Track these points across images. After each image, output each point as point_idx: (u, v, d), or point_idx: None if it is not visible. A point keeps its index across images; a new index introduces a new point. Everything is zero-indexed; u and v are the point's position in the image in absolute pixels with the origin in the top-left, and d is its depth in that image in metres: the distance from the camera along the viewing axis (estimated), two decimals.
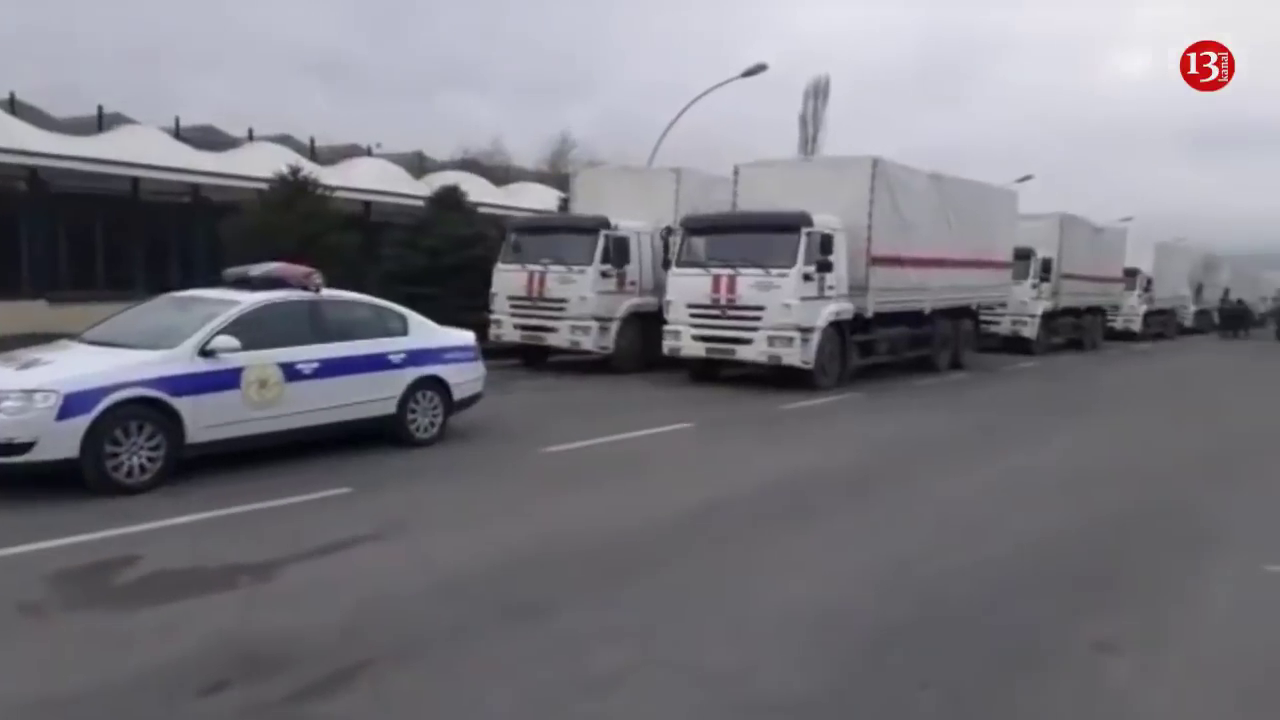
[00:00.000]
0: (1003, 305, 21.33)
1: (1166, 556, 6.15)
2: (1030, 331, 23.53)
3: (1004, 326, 22.98)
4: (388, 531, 6.15)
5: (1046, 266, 23.81)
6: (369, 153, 29.17)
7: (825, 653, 4.36)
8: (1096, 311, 27.84)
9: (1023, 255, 21.95)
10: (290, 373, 7.97)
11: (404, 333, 9.06)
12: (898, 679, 4.09)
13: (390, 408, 8.76)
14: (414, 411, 8.96)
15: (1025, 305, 23.03)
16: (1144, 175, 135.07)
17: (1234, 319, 39.96)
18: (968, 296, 18.79)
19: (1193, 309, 39.52)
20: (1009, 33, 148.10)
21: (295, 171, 17.86)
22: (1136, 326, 31.76)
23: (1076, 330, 26.31)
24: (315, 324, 8.40)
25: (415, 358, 8.97)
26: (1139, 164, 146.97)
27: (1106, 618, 4.92)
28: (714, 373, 15.43)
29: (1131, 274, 30.73)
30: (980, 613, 4.96)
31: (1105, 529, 6.81)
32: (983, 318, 20.69)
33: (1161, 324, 34.52)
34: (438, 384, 9.17)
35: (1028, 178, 35.07)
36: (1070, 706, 3.92)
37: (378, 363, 8.67)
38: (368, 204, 23.01)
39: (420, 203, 20.69)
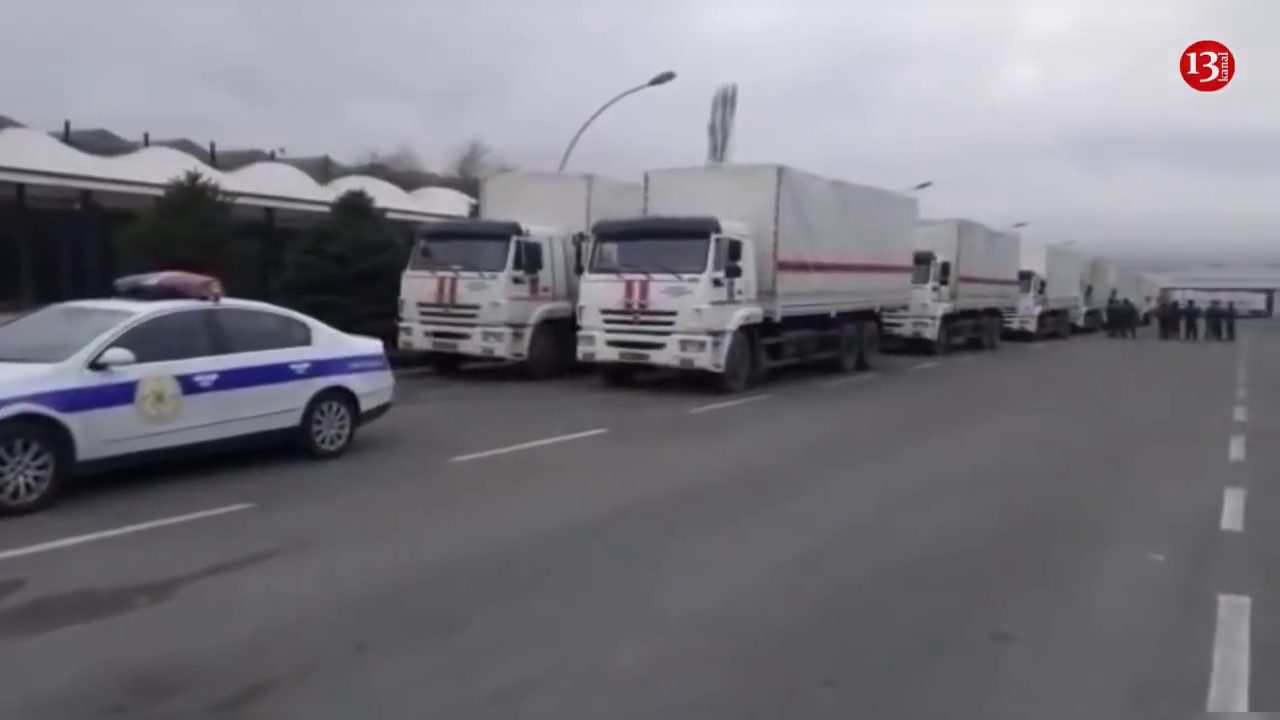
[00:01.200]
0: (905, 308, 22.06)
1: (1059, 548, 6.43)
2: (931, 333, 24.34)
3: (906, 328, 23.72)
4: (291, 547, 6.00)
5: (945, 270, 24.68)
6: (273, 158, 28.41)
7: (731, 654, 4.42)
8: (994, 313, 29.00)
9: (923, 260, 22.72)
10: (188, 385, 7.70)
11: (307, 342, 8.84)
12: (801, 677, 4.18)
13: (294, 420, 8.54)
14: (319, 423, 8.76)
15: (926, 308, 23.83)
16: (1035, 181, 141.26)
17: (1121, 319, 42.05)
18: (871, 300, 19.32)
19: (1083, 309, 41.46)
20: (907, 45, 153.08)
21: (193, 177, 17.26)
22: (1031, 327, 33.13)
23: (975, 331, 27.36)
24: (214, 335, 8.12)
25: (319, 368, 8.77)
26: (1030, 171, 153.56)
27: (1003, 608, 5.13)
28: (628, 377, 15.52)
29: (1026, 277, 32.09)
30: (883, 608, 5.11)
31: (1002, 523, 7.08)
32: (886, 320, 21.32)
33: (1055, 324, 36.09)
34: (343, 394, 8.98)
35: (927, 184, 36.24)
36: (969, 695, 4.06)
37: (280, 373, 8.45)
38: (270, 210, 22.39)
39: (326, 209, 20.24)
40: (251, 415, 8.17)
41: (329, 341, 9.08)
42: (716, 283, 14.31)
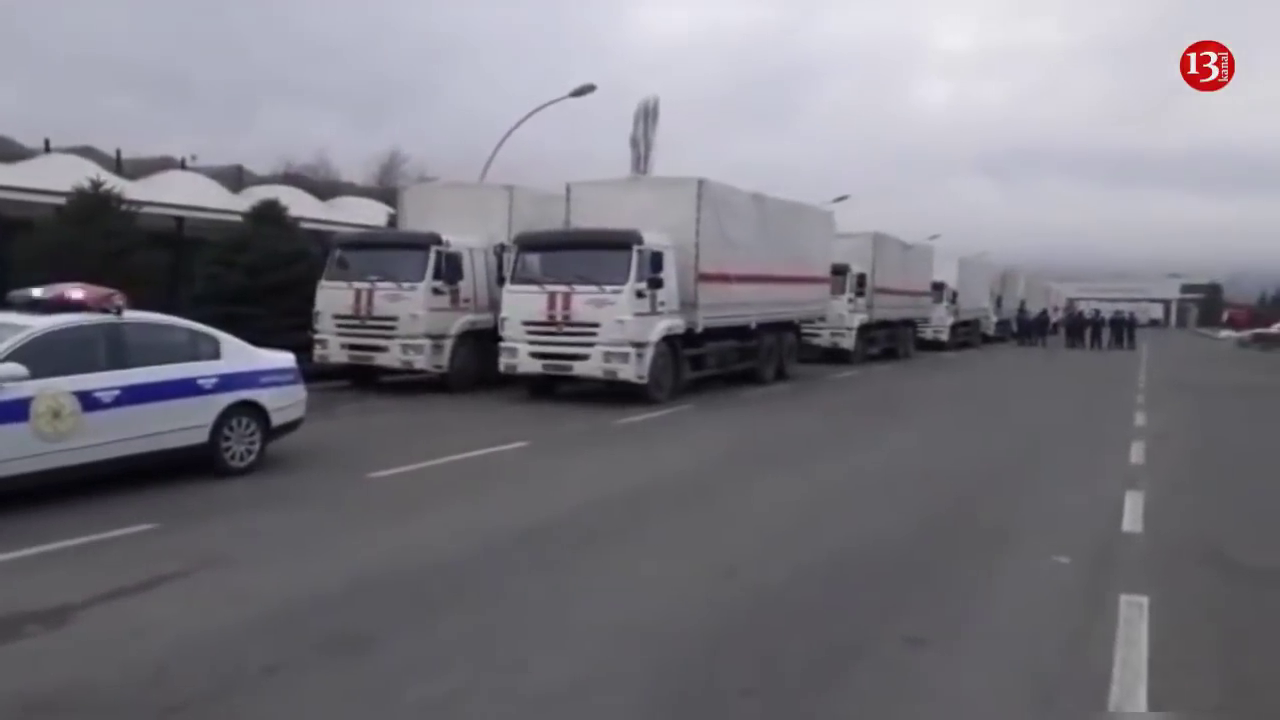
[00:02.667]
0: (822, 319, 22.47)
1: (970, 551, 6.61)
2: (848, 343, 24.86)
3: (824, 339, 24.18)
4: (197, 568, 5.78)
5: (861, 282, 25.26)
6: (183, 166, 27.55)
7: (650, 665, 4.42)
8: (908, 323, 29.78)
9: (839, 271, 23.21)
10: (88, 402, 7.38)
11: (216, 356, 8.56)
12: (722, 687, 4.20)
13: (201, 436, 8.25)
14: (228, 439, 8.48)
15: (843, 318, 24.35)
16: (947, 195, 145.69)
17: (1030, 327, 43.62)
18: (790, 311, 19.63)
19: (994, 319, 42.84)
20: (823, 61, 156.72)
21: (97, 185, 16.59)
22: (945, 336, 34.09)
23: (891, 341, 28.06)
24: (116, 349, 7.80)
25: (228, 382, 8.50)
26: (942, 184, 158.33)
27: (915, 613, 5.24)
28: (551, 389, 15.45)
29: (939, 288, 33.07)
30: (801, 615, 5.18)
31: (916, 528, 7.24)
32: (804, 331, 21.67)
33: (967, 334, 37.23)
34: (254, 409, 8.71)
35: (844, 198, 37.01)
36: (882, 699, 4.13)
37: (186, 388, 8.15)
38: (180, 220, 21.62)
39: (238, 218, 19.68)
40: (156, 432, 7.87)
41: (238, 355, 8.81)
42: (639, 294, 14.37)
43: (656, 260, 14.73)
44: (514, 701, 4.02)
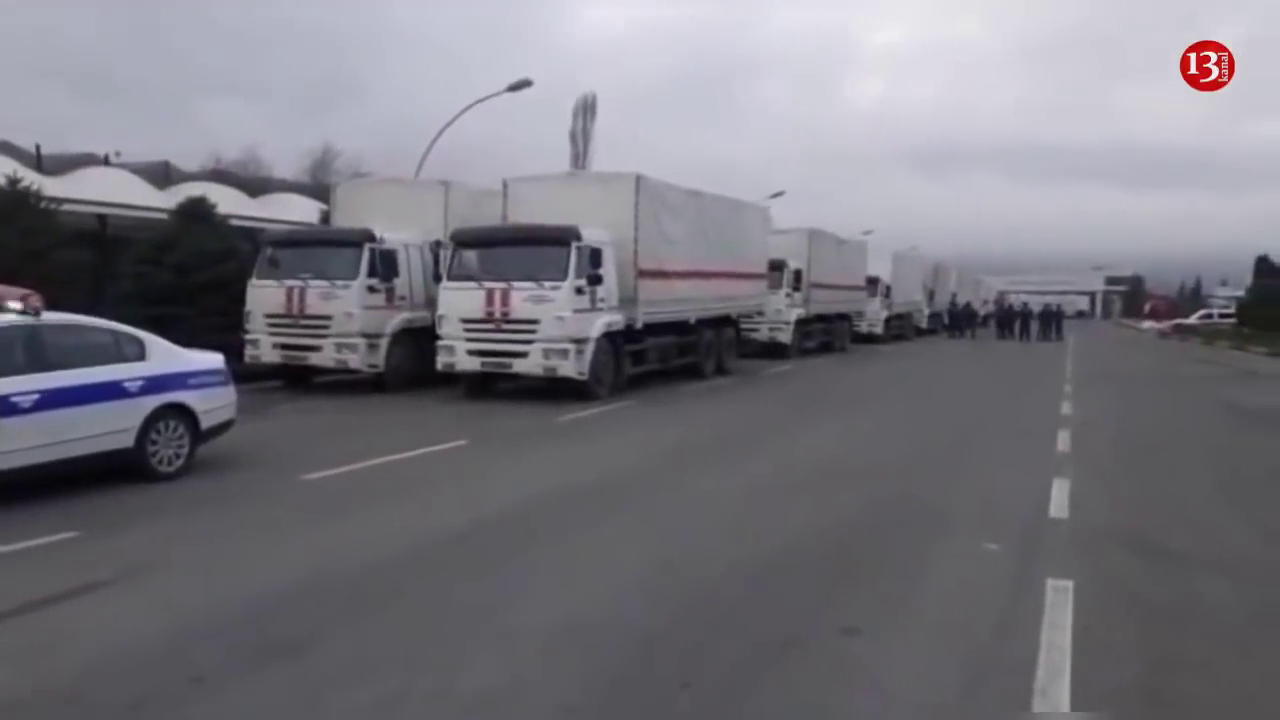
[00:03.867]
0: (760, 314, 22.72)
1: (903, 540, 6.74)
2: (786, 337, 25.16)
3: (762, 333, 24.43)
4: (122, 577, 5.61)
5: (798, 277, 25.59)
6: (107, 162, 26.61)
7: (589, 663, 4.41)
8: (844, 317, 30.27)
9: (776, 267, 23.49)
10: (4, 406, 7.12)
11: (141, 357, 8.31)
12: (660, 682, 4.22)
13: (127, 441, 8.01)
14: (155, 443, 8.24)
15: (780, 313, 24.64)
16: (881, 190, 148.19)
17: (961, 320, 44.64)
18: (728, 306, 19.79)
19: (926, 312, 43.76)
20: (759, 57, 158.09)
21: (14, 181, 16.01)
22: (879, 330, 34.72)
23: (827, 335, 28.50)
24: (34, 351, 7.54)
25: (155, 384, 8.26)
26: (876, 180, 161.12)
27: (850, 602, 5.32)
28: (490, 387, 15.34)
29: (873, 282, 33.67)
30: (738, 607, 5.23)
31: (851, 518, 7.36)
32: (743, 326, 21.86)
33: (900, 327, 37.98)
34: (182, 412, 8.48)
35: (780, 194, 37.45)
36: (819, 689, 4.19)
37: (110, 391, 7.90)
38: (103, 218, 20.94)
39: (165, 216, 19.13)
40: (79, 437, 7.61)
41: (165, 356, 8.57)
42: (579, 290, 14.34)
43: (595, 256, 14.71)
44: (449, 704, 3.98)
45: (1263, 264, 51.16)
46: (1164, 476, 9.52)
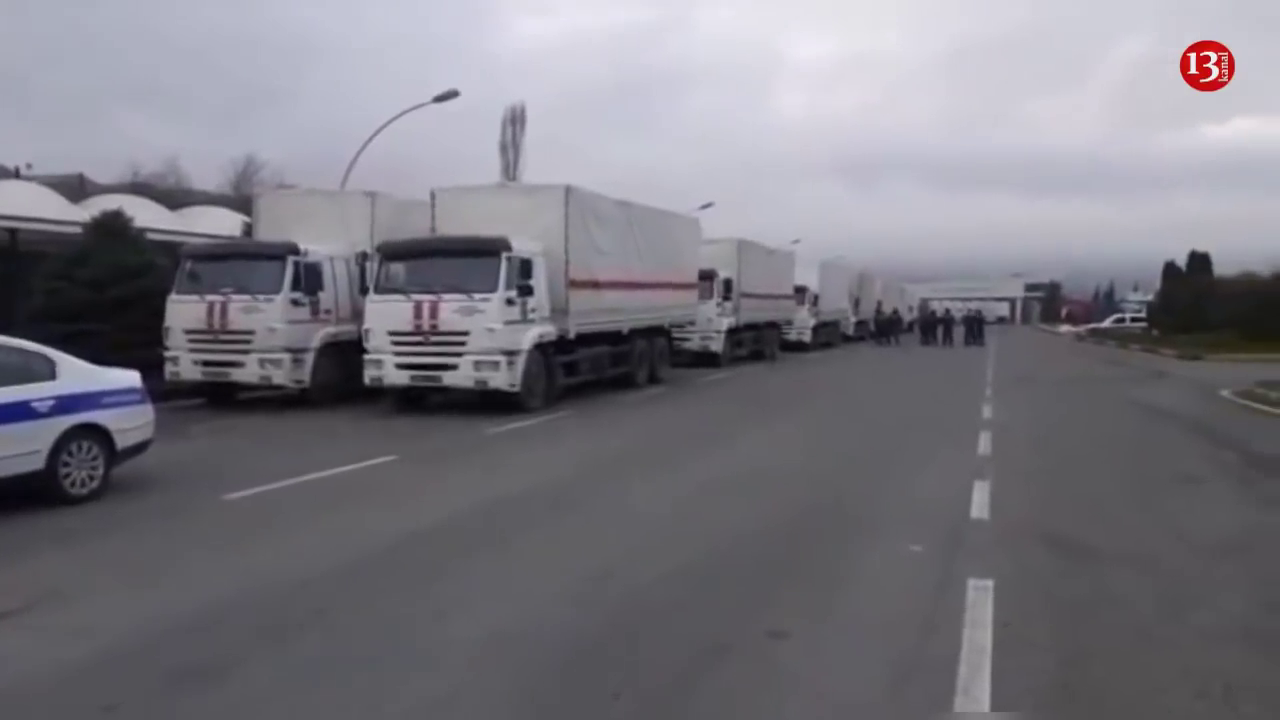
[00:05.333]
0: (692, 323, 22.93)
1: (831, 544, 6.86)
2: (717, 346, 25.43)
3: (694, 342, 24.64)
4: (32, 603, 5.38)
5: (728, 286, 25.91)
6: (17, 175, 25.67)
7: (520, 676, 4.39)
8: (773, 325, 30.75)
9: (707, 276, 23.75)
10: None
11: (52, 376, 8.00)
12: (591, 692, 4.21)
13: (37, 463, 7.69)
14: (67, 465, 7.94)
15: (711, 322, 24.91)
16: (807, 201, 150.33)
17: (887, 327, 45.64)
18: (661, 316, 19.91)
19: (853, 320, 44.64)
20: (686, 70, 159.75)
21: None
22: (807, 338, 35.29)
23: (757, 343, 28.89)
24: None
25: (66, 404, 7.96)
26: (802, 191, 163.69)
27: (779, 606, 5.38)
28: (421, 401, 15.16)
29: (801, 291, 34.25)
30: (670, 614, 5.24)
31: (781, 524, 7.46)
32: (675, 335, 22.01)
33: (828, 334, 38.67)
34: (96, 432, 8.19)
35: (709, 205, 37.80)
36: (749, 693, 4.23)
37: (18, 412, 7.59)
38: (13, 232, 20.14)
39: (78, 230, 18.51)
40: None
41: (77, 375, 8.26)
42: (509, 302, 14.27)
43: (526, 267, 14.66)
44: None
45: (1171, 269, 53.31)
46: (1079, 476, 9.85)
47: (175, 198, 33.75)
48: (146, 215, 21.47)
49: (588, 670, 4.46)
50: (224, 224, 25.69)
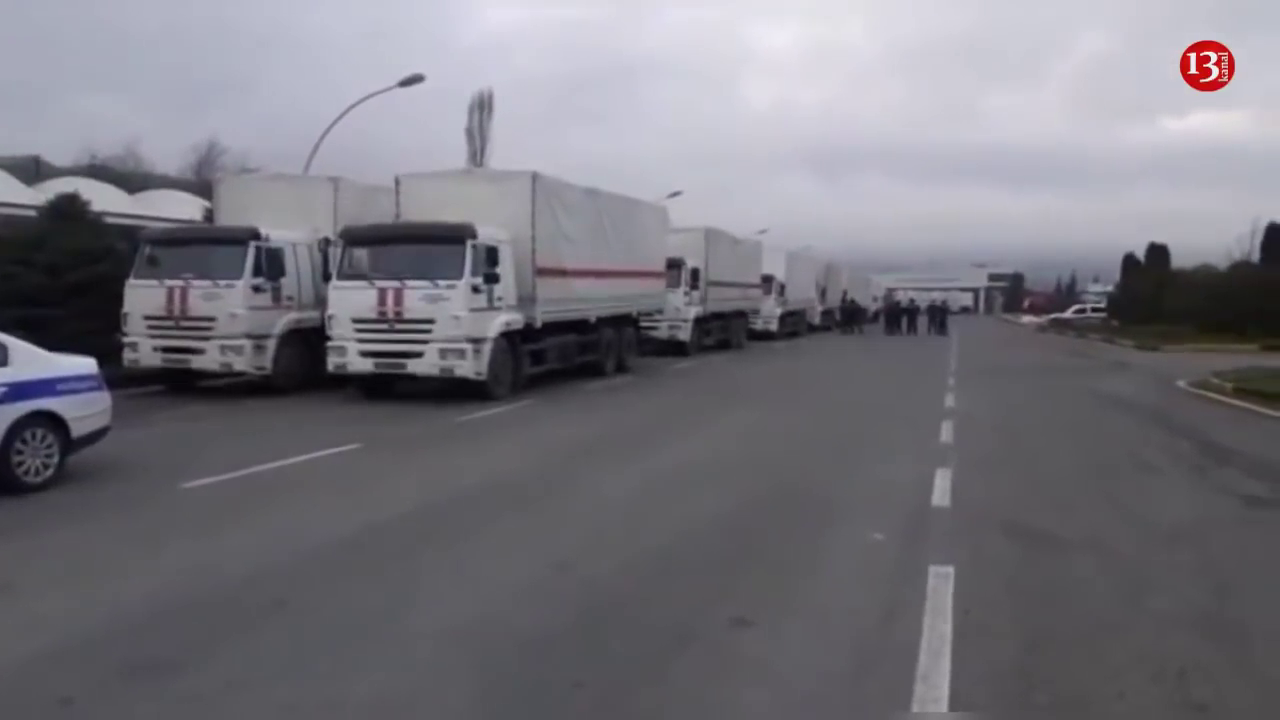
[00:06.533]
0: (660, 312, 22.93)
1: (794, 532, 6.89)
2: (685, 335, 25.49)
3: (662, 331, 24.65)
4: None
5: (696, 276, 25.95)
6: None
7: (482, 667, 4.36)
8: (741, 315, 30.85)
9: (675, 265, 23.79)
10: None
11: (4, 363, 7.80)
12: (552, 683, 4.20)
13: None
14: (20, 453, 7.76)
15: (679, 311, 24.95)
16: (774, 191, 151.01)
17: (852, 316, 46.01)
18: (628, 305, 19.88)
19: (819, 309, 44.93)
20: (655, 59, 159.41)
21: None
22: (774, 327, 35.47)
23: (725, 332, 28.98)
24: None
25: (19, 391, 7.78)
26: (769, 181, 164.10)
27: (743, 595, 5.40)
28: (387, 389, 15.01)
29: (768, 280, 34.39)
30: (633, 604, 5.25)
31: (744, 511, 7.52)
32: (643, 324, 21.99)
33: (794, 324, 38.88)
34: (50, 420, 8.01)
35: (677, 194, 37.82)
36: (713, 681, 4.24)
37: None
38: None
39: (33, 214, 18.09)
40: None
41: (30, 361, 8.07)
42: (475, 289, 14.15)
43: (492, 255, 14.54)
44: (332, 716, 3.88)
45: (1130, 261, 54.18)
46: (1039, 464, 10.00)
47: (134, 181, 33.12)
48: (104, 199, 21.08)
49: (549, 661, 4.44)
50: (184, 208, 25.26)
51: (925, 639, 4.67)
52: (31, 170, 26.32)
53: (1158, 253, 51.02)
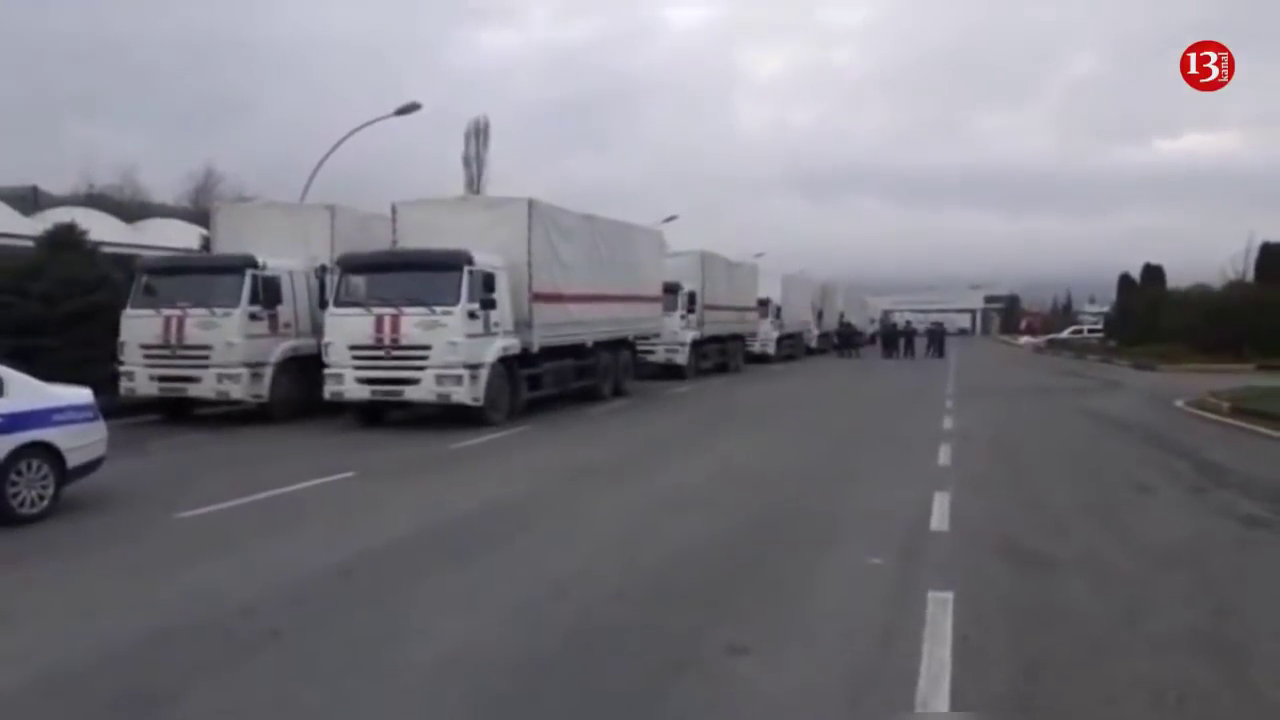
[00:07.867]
0: (657, 336, 22.97)
1: (790, 556, 6.86)
2: (682, 358, 25.54)
3: (659, 355, 24.73)
4: None
5: (692, 299, 26.05)
6: None
7: (474, 697, 4.32)
8: (737, 338, 30.89)
9: (671, 289, 23.89)
10: None
11: None
12: (546, 710, 4.17)
13: None
14: (15, 484, 7.72)
15: (676, 335, 25.02)
16: (769, 214, 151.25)
17: (849, 339, 46.06)
18: (625, 329, 19.93)
19: (815, 332, 44.97)
20: (648, 84, 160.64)
21: None
22: (771, 350, 35.50)
23: (721, 355, 29.04)
24: None
25: (15, 422, 7.75)
26: (764, 204, 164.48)
27: (738, 621, 5.36)
28: (383, 416, 15.00)
29: (764, 303, 34.48)
30: (627, 632, 5.21)
31: (740, 536, 7.48)
32: (640, 348, 22.05)
33: (791, 346, 38.92)
34: (46, 451, 7.98)
35: (673, 218, 37.98)
36: (709, 709, 4.21)
37: None
38: None
39: (30, 244, 18.14)
40: None
41: (26, 392, 8.06)
42: (472, 315, 14.18)
43: (488, 281, 14.59)
44: None
45: (1125, 281, 54.33)
46: (1037, 486, 9.97)
47: (131, 210, 33.28)
48: (102, 228, 21.14)
49: (542, 690, 4.41)
50: (181, 237, 25.34)
51: (924, 664, 4.64)
52: (30, 200, 26.42)
53: (1153, 273, 51.12)
